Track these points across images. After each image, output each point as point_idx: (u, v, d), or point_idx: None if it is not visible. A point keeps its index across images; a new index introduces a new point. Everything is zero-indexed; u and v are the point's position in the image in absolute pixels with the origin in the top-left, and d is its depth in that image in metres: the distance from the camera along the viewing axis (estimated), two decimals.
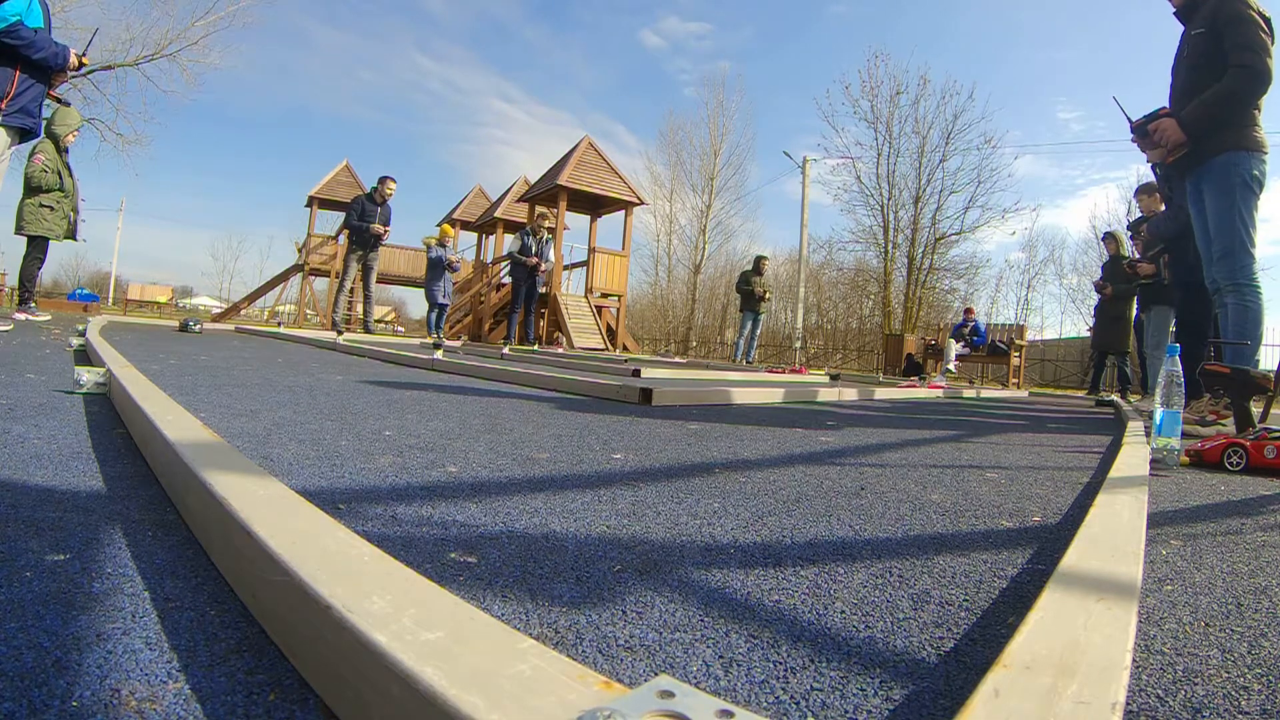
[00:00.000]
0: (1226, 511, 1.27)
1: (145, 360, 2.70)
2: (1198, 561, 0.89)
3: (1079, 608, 0.54)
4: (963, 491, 1.28)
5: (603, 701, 0.34)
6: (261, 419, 1.52)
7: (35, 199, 5.38)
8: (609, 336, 12.23)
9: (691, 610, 0.62)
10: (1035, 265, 24.55)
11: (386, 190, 8.59)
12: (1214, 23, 2.73)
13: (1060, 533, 1.00)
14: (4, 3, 3.36)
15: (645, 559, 0.76)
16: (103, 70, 15.72)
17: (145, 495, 0.86)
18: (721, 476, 1.27)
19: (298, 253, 16.64)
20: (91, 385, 1.66)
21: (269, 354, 3.93)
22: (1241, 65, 2.64)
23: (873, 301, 21.52)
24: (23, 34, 3.49)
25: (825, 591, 0.69)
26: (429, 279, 9.84)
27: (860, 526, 0.97)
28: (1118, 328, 6.83)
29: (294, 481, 0.98)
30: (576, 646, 0.53)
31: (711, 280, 28.14)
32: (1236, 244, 2.74)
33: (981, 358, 10.18)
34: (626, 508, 0.98)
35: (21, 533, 0.68)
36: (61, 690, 0.42)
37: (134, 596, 0.56)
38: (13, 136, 3.67)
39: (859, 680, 0.51)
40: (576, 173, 12.25)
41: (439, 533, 0.80)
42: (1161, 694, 0.51)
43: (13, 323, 4.48)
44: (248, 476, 0.72)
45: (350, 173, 16.36)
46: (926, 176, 19.23)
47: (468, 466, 1.20)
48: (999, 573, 0.79)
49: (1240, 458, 1.80)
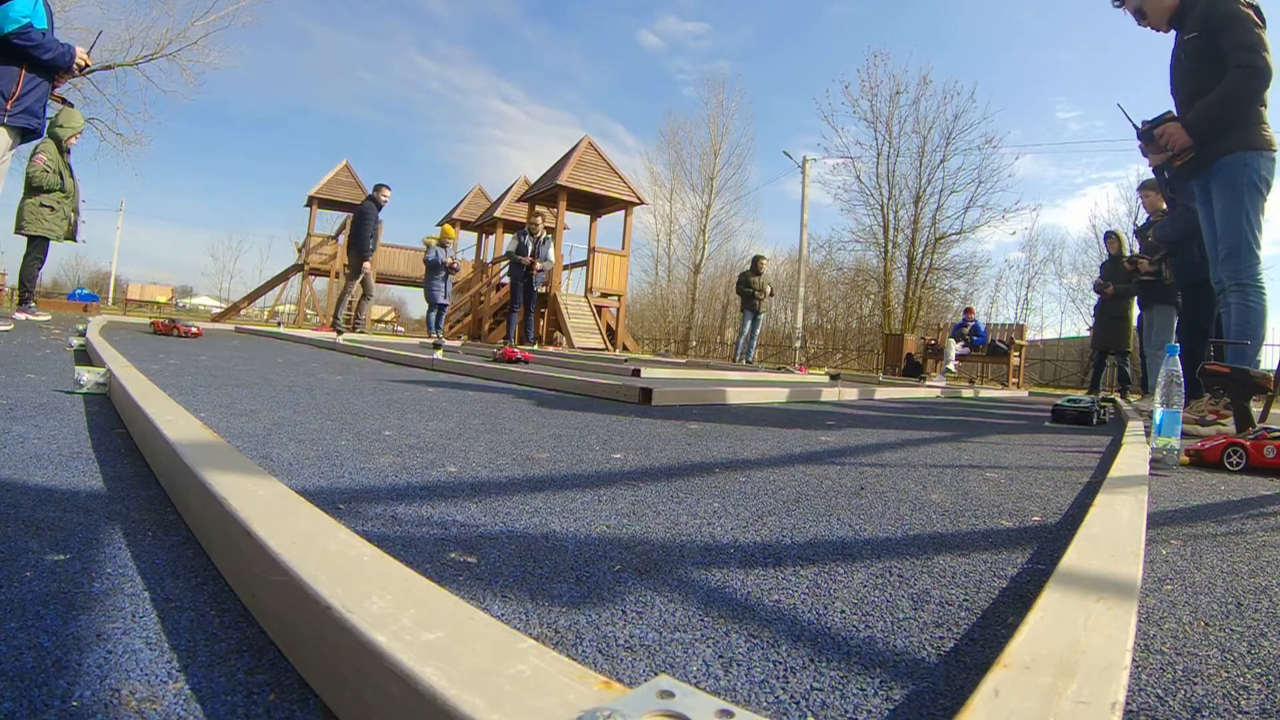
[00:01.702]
0: (1226, 511, 1.27)
1: (145, 360, 2.70)
2: (1197, 561, 0.89)
3: (1079, 607, 0.54)
4: (963, 491, 1.28)
5: (603, 701, 0.34)
6: (261, 419, 1.52)
7: (36, 199, 5.38)
8: (609, 336, 12.23)
9: (691, 610, 0.62)
10: (1035, 265, 24.55)
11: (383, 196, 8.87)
12: (1207, 25, 2.72)
13: (1060, 532, 1.00)
14: (11, 3, 3.36)
15: (645, 559, 0.76)
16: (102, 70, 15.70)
17: (145, 495, 0.86)
18: (721, 476, 1.27)
19: (297, 252, 16.63)
20: (91, 385, 1.66)
21: (269, 354, 3.93)
22: (1241, 65, 2.63)
23: (873, 301, 21.52)
24: (32, 35, 3.49)
25: (825, 591, 0.69)
26: (428, 279, 9.88)
27: (860, 526, 0.97)
28: (1118, 327, 6.82)
29: (294, 481, 0.98)
30: (576, 646, 0.53)
31: (711, 280, 28.16)
32: (1242, 244, 2.74)
33: (981, 358, 10.18)
34: (626, 507, 0.98)
35: (21, 533, 0.68)
36: (61, 690, 0.42)
37: (134, 596, 0.56)
38: (15, 137, 3.67)
39: (859, 680, 0.51)
40: (576, 172, 12.25)
41: (439, 533, 0.80)
42: (1161, 693, 0.51)
43: (13, 323, 4.48)
44: (248, 476, 0.72)
45: (350, 173, 16.34)
46: (927, 176, 19.25)
47: (467, 466, 1.19)
48: (999, 572, 0.79)
49: (1240, 457, 1.80)
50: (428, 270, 9.86)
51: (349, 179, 16.24)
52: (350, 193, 15.95)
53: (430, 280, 9.83)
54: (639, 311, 29.10)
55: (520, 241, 9.58)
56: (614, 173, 12.88)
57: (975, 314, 10.30)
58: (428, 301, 10.06)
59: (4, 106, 3.50)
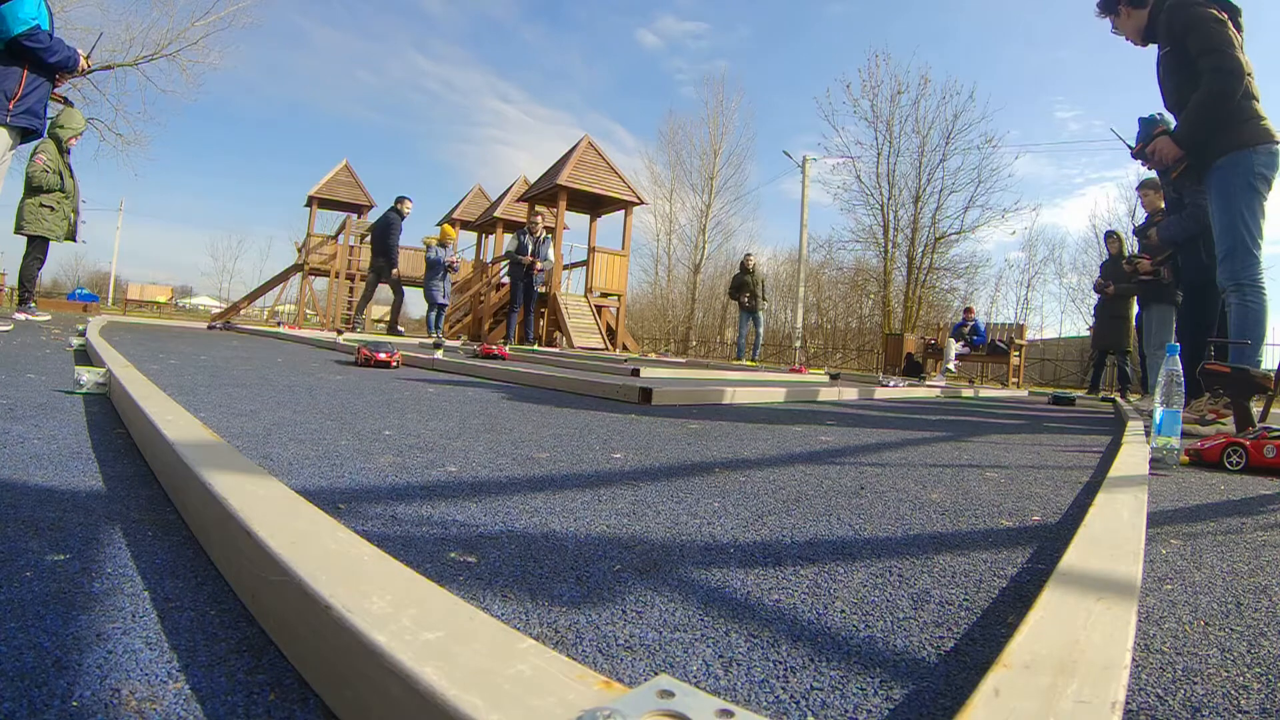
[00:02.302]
0: (1226, 511, 1.27)
1: (145, 360, 2.70)
2: (1197, 561, 0.89)
3: (1079, 607, 0.54)
4: (962, 491, 1.28)
5: (603, 701, 0.34)
6: (261, 419, 1.52)
7: (36, 199, 5.37)
8: (609, 336, 12.22)
9: (691, 610, 0.62)
10: (1035, 265, 24.55)
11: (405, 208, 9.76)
12: (1173, 35, 2.75)
13: (1060, 532, 1.00)
14: (17, 6, 3.35)
15: (645, 558, 0.76)
16: (102, 70, 15.71)
17: (145, 495, 0.86)
18: (721, 476, 1.27)
19: (297, 252, 16.62)
20: (91, 385, 1.66)
21: (269, 354, 3.93)
22: (1210, 69, 2.65)
23: (872, 301, 21.52)
24: (40, 37, 3.49)
25: (825, 591, 0.69)
26: (427, 279, 9.92)
27: (860, 526, 0.97)
28: (1117, 327, 6.82)
29: (294, 481, 0.98)
30: (576, 646, 0.53)
31: (711, 280, 28.14)
32: (1238, 246, 2.74)
33: (981, 357, 10.18)
34: (626, 507, 0.98)
35: (21, 533, 0.68)
36: (61, 690, 0.42)
37: (134, 596, 0.56)
38: (16, 137, 3.66)
39: (859, 680, 0.51)
40: (576, 172, 12.24)
41: (439, 532, 0.80)
42: (1161, 693, 0.51)
43: (13, 323, 4.48)
44: (247, 476, 0.72)
45: (350, 172, 16.33)
46: (926, 176, 19.24)
47: (467, 466, 1.20)
48: (999, 572, 0.79)
49: (1240, 457, 1.80)
50: (427, 270, 9.90)
51: (349, 179, 16.23)
52: (350, 193, 15.93)
53: (430, 280, 9.87)
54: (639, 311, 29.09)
55: (520, 241, 9.58)
56: (614, 172, 12.87)
57: (975, 314, 10.30)
58: (427, 301, 10.09)
59: (6, 107, 3.50)
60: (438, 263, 9.79)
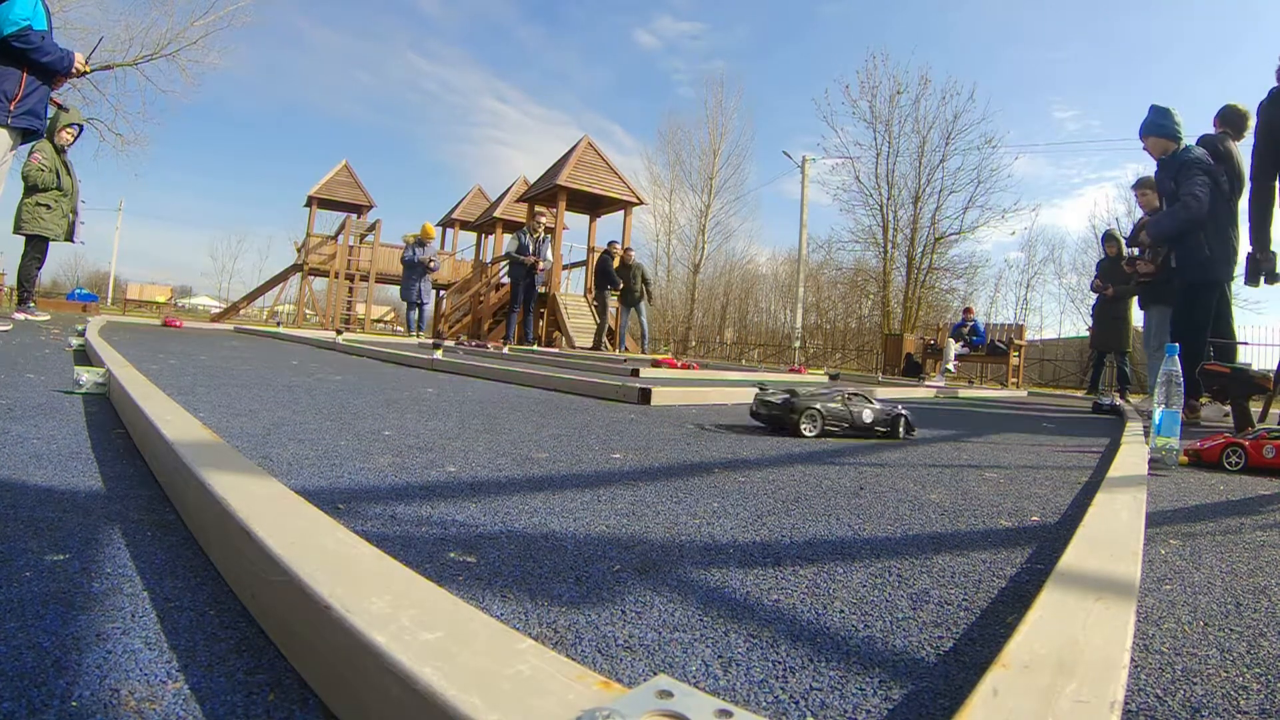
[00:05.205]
0: (1225, 511, 1.27)
1: (145, 360, 2.70)
2: (1196, 561, 0.90)
3: (1078, 607, 0.54)
4: (962, 491, 1.29)
5: (602, 701, 0.34)
6: (260, 419, 1.52)
7: (32, 198, 5.37)
8: (609, 336, 12.22)
9: (690, 610, 0.62)
10: (1034, 265, 24.55)
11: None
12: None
13: (1059, 532, 1.00)
14: (9, 7, 3.35)
15: (644, 559, 0.76)
16: (102, 70, 15.68)
17: (144, 495, 0.86)
18: (720, 476, 1.27)
19: (297, 252, 16.61)
20: (91, 385, 1.66)
21: (268, 354, 3.93)
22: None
23: (872, 301, 21.51)
24: (31, 38, 3.49)
25: (824, 591, 0.69)
26: (404, 278, 9.96)
27: (859, 526, 0.97)
28: (1116, 328, 6.82)
29: (293, 481, 0.98)
30: (576, 646, 0.53)
31: (710, 280, 28.15)
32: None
33: (981, 357, 10.18)
34: (625, 507, 0.98)
35: (21, 533, 0.68)
36: (61, 690, 0.42)
37: (133, 596, 0.56)
38: (16, 138, 3.66)
39: (858, 680, 0.51)
40: (576, 173, 12.24)
41: (438, 532, 0.80)
42: (1160, 693, 0.51)
43: (12, 323, 4.47)
44: (247, 476, 0.72)
45: (349, 173, 16.33)
46: (926, 176, 19.23)
47: (467, 466, 1.19)
48: (998, 572, 0.79)
49: (1239, 457, 1.81)
50: (404, 269, 9.94)
51: (348, 179, 16.23)
52: (349, 193, 15.93)
53: (406, 279, 9.90)
54: None
55: (520, 241, 9.58)
56: (613, 173, 12.87)
57: (974, 314, 10.30)
58: (404, 301, 10.13)
59: (7, 108, 3.50)
60: (413, 262, 9.82)
